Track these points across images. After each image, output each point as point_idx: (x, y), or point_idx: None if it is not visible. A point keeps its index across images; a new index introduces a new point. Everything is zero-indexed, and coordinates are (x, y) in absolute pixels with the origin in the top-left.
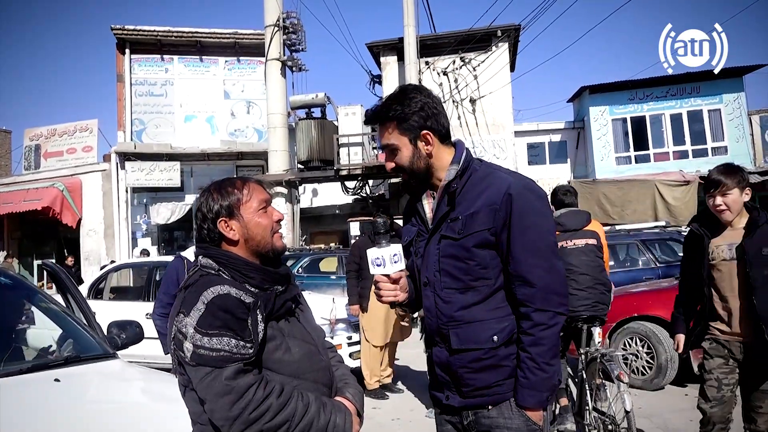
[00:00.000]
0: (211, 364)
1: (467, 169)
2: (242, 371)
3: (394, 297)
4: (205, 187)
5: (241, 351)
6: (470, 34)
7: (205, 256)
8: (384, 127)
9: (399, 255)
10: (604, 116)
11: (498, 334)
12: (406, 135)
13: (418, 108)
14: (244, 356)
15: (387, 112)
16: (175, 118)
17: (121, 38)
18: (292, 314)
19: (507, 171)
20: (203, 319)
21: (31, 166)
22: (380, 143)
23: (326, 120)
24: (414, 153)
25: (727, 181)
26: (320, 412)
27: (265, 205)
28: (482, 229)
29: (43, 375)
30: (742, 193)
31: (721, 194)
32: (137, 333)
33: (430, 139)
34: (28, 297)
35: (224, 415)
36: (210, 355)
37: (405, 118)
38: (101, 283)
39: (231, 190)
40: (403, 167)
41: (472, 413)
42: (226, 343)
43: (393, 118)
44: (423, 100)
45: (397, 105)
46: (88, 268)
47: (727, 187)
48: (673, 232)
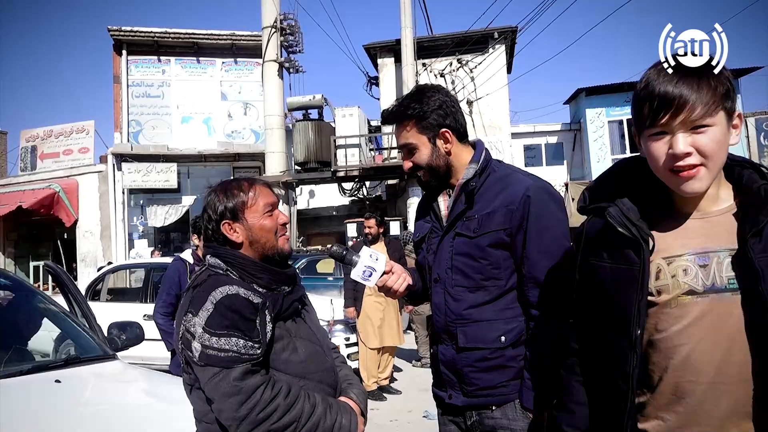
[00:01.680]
0: (220, 364)
1: (486, 168)
2: (250, 372)
3: (404, 281)
4: (213, 186)
5: (249, 351)
6: (467, 36)
7: (214, 256)
8: (402, 126)
9: (374, 253)
10: (601, 118)
11: (506, 335)
12: (425, 134)
13: (436, 106)
14: (252, 357)
15: (406, 111)
16: (171, 119)
17: (117, 39)
18: (298, 315)
19: (525, 173)
20: (212, 318)
21: (28, 167)
22: (398, 143)
23: (323, 121)
24: (433, 151)
25: (697, 95)
26: (327, 412)
27: (271, 208)
28: (498, 228)
29: (43, 376)
30: (729, 126)
31: (685, 127)
32: (138, 334)
33: (449, 137)
34: (28, 298)
35: (232, 416)
36: (218, 356)
37: (424, 116)
38: (98, 284)
39: (237, 192)
40: (422, 166)
41: (475, 413)
42: (234, 344)
43: (412, 116)
44: (441, 98)
45: (416, 103)
46: (85, 269)
47: (700, 108)
48: None
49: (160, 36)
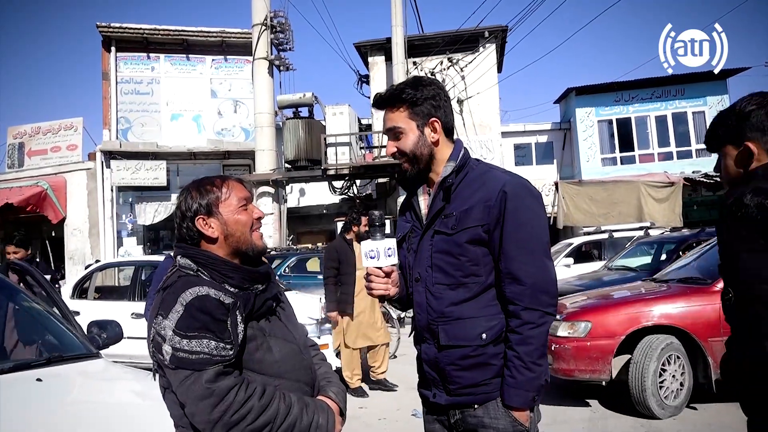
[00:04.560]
0: (191, 367)
1: (464, 166)
2: (222, 373)
3: (386, 290)
4: (185, 186)
5: (221, 353)
6: (458, 35)
7: (184, 256)
8: (394, 108)
9: (393, 249)
10: (590, 117)
11: (487, 332)
12: (415, 120)
13: (430, 96)
14: (224, 358)
15: (400, 95)
16: (161, 116)
17: (106, 36)
18: (273, 313)
19: (503, 170)
20: (182, 321)
21: (15, 164)
22: (385, 127)
23: (314, 120)
24: (420, 139)
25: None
26: (303, 412)
27: (245, 202)
28: (475, 225)
29: (24, 375)
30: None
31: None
32: (117, 333)
33: (437, 127)
34: (9, 295)
35: (205, 419)
36: (189, 358)
37: (417, 103)
38: (86, 282)
39: (210, 188)
40: (406, 152)
41: (458, 412)
42: (205, 345)
43: (405, 100)
44: (436, 90)
45: (411, 89)
46: (73, 267)
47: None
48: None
49: (149, 33)
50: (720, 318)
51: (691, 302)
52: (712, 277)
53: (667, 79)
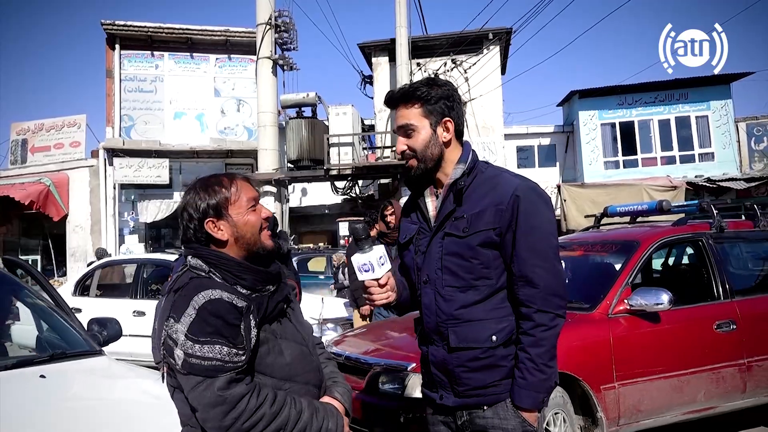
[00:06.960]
0: (203, 373)
1: (474, 168)
2: (234, 380)
3: (387, 298)
4: (191, 185)
5: (234, 359)
6: (462, 37)
7: (195, 257)
8: (408, 105)
9: (384, 257)
10: (593, 121)
11: (497, 334)
12: (429, 118)
13: (445, 96)
14: (236, 364)
15: (415, 92)
16: (164, 114)
17: (111, 33)
18: (283, 315)
19: (513, 173)
20: (194, 325)
21: (18, 160)
22: (397, 124)
23: (317, 119)
24: (431, 138)
25: None
26: (313, 418)
27: (254, 203)
28: (488, 228)
29: (28, 371)
30: None
31: None
32: (117, 330)
33: (450, 127)
34: (13, 292)
35: (217, 425)
36: (201, 365)
37: (431, 101)
38: (87, 279)
39: (218, 189)
40: (416, 150)
41: (466, 413)
42: (218, 351)
43: (420, 98)
44: (450, 90)
45: (426, 87)
46: (74, 264)
47: None
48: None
49: (153, 31)
50: (611, 357)
51: (572, 336)
52: (590, 300)
53: (671, 83)
